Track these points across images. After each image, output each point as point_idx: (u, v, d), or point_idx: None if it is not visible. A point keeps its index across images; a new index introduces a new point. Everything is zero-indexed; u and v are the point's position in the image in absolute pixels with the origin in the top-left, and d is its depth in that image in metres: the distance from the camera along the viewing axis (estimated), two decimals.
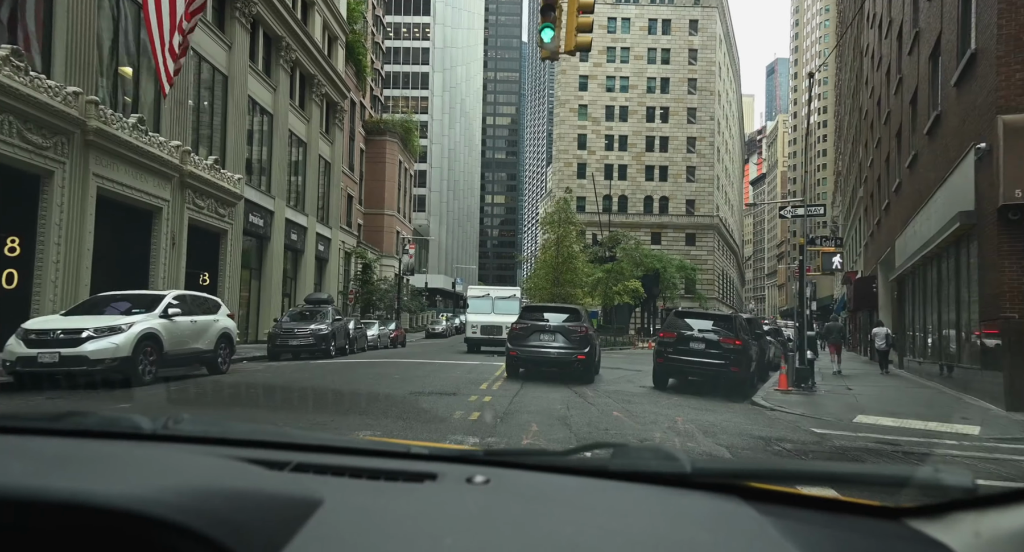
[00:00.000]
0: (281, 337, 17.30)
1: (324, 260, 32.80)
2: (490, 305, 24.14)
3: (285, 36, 26.03)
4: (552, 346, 13.59)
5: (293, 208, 28.11)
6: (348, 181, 44.81)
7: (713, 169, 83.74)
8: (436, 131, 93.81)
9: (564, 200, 29.84)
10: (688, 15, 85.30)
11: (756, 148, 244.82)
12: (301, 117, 28.98)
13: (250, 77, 23.80)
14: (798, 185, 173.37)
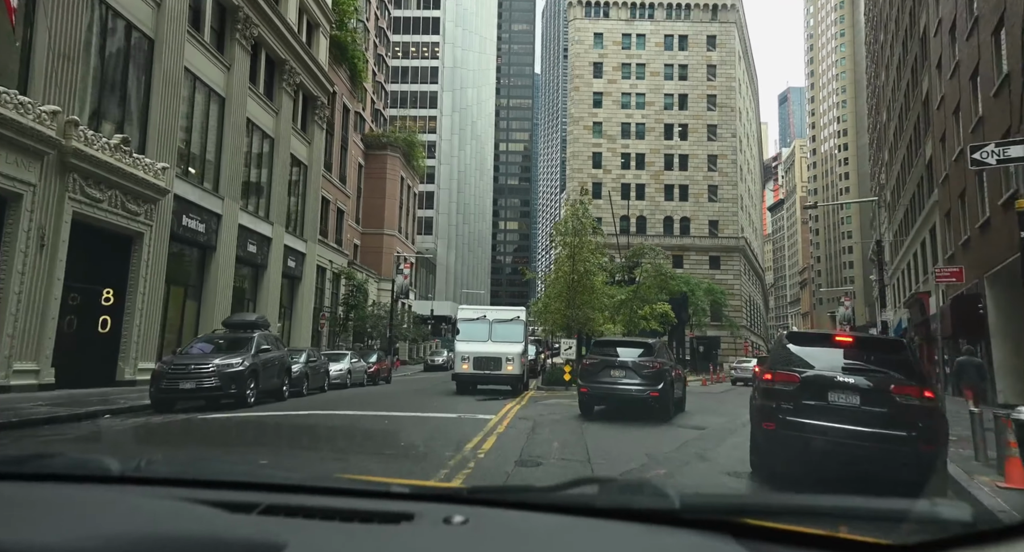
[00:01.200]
0: (168, 378, 11.90)
1: (295, 278, 27.85)
2: (486, 330, 18.97)
3: (243, 5, 21.46)
4: (624, 383, 13.05)
5: (251, 213, 23.23)
6: (338, 194, 40.16)
7: (736, 188, 78.67)
8: (445, 151, 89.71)
9: (580, 203, 24.87)
10: (705, 30, 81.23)
11: (772, 174, 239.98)
12: (267, 107, 24.29)
13: (192, 48, 19.15)
14: (820, 209, 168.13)
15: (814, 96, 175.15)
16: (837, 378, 6.35)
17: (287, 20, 25.08)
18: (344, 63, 40.12)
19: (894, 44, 42.85)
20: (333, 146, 39.01)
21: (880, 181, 55.03)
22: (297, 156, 27.43)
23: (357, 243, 51.93)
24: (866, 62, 78.20)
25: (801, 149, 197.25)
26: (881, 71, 51.92)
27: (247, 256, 23.03)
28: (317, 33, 29.20)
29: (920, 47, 32.09)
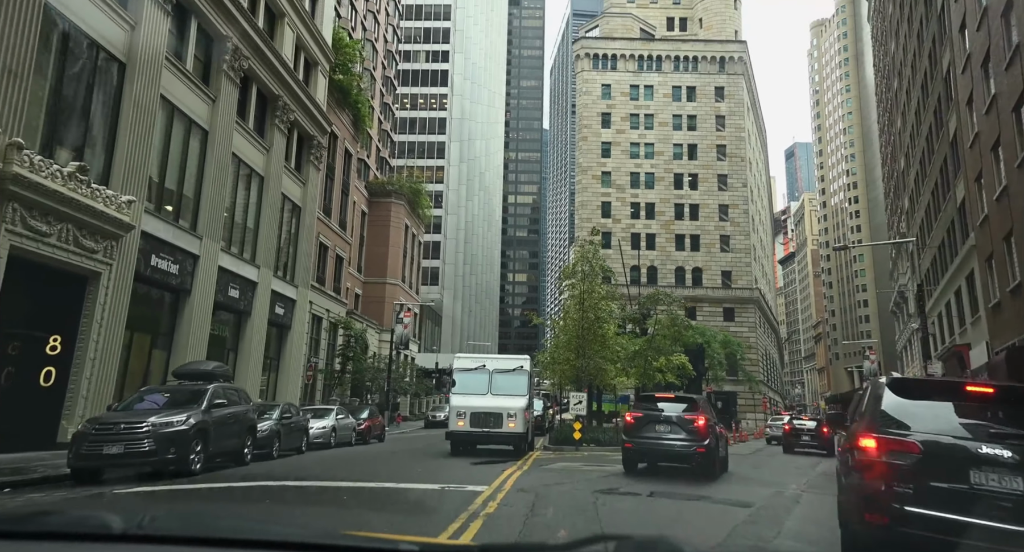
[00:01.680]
0: (91, 441, 9.70)
1: (284, 327, 25.91)
2: (486, 382, 16.85)
3: (232, 36, 20.26)
4: (670, 438, 12.98)
5: (235, 255, 21.51)
6: (337, 240, 38.65)
7: (749, 239, 77.03)
8: (452, 201, 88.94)
9: (589, 244, 23.04)
10: (713, 82, 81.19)
11: (781, 228, 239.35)
12: (257, 143, 22.87)
13: (172, 76, 17.81)
14: (832, 262, 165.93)
15: (822, 149, 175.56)
16: (981, 449, 4.32)
17: (282, 55, 23.95)
18: (346, 107, 39.24)
19: (911, 89, 41.71)
20: (333, 190, 37.73)
21: (900, 230, 53.21)
22: (290, 196, 25.91)
23: (358, 292, 50.22)
24: (877, 112, 77.53)
25: (810, 202, 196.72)
26: (896, 119, 50.77)
27: (228, 301, 21.19)
28: (315, 72, 28.13)
29: (944, 87, 30.74)
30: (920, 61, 36.99)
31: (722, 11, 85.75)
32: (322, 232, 35.77)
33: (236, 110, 21.14)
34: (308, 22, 26.51)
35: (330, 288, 37.28)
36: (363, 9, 51.50)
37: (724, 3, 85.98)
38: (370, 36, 53.40)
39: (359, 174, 51.16)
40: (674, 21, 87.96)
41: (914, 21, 38.36)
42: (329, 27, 29.71)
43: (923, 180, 39.23)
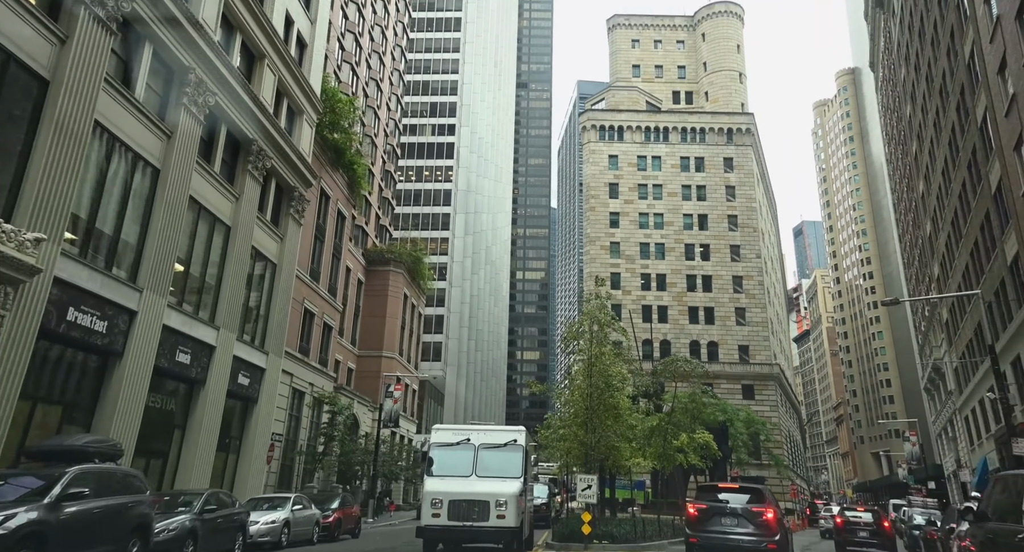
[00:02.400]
0: None
1: (249, 399, 22.59)
2: (470, 461, 13.44)
3: (195, 67, 18.14)
4: (738, 532, 12.23)
5: (188, 314, 18.59)
6: (325, 306, 35.77)
7: (765, 312, 73.75)
8: (456, 273, 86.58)
9: (595, 298, 20.05)
10: (722, 153, 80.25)
11: (793, 306, 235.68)
12: (223, 188, 20.38)
13: (112, 101, 15.48)
14: (850, 339, 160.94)
15: (832, 225, 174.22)
16: None
17: (259, 98, 21.85)
18: (341, 168, 37.33)
19: (935, 149, 39.56)
20: (323, 253, 35.23)
21: (927, 312, 49.96)
22: (263, 252, 23.21)
23: (352, 367, 46.93)
24: (891, 182, 75.69)
25: (823, 279, 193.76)
26: (918, 183, 48.52)
27: (175, 367, 18.08)
28: (299, 120, 26.09)
29: (980, 137, 28.39)
30: (946, 116, 34.90)
31: (728, 85, 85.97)
32: (308, 297, 33.00)
33: (198, 149, 18.75)
34: (293, 68, 24.66)
35: (315, 359, 34.10)
36: (365, 76, 50.74)
37: (730, 77, 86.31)
38: (372, 103, 52.46)
39: (355, 241, 48.93)
40: (679, 94, 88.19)
41: (935, 78, 36.61)
42: (318, 76, 27.96)
43: (958, 242, 36.36)
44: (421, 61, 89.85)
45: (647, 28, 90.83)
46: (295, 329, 31.42)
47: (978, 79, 27.76)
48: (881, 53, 63.87)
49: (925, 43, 38.36)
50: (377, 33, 53.64)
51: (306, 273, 32.43)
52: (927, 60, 38.51)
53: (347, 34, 46.62)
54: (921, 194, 47.48)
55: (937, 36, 35.08)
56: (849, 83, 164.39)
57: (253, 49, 22.15)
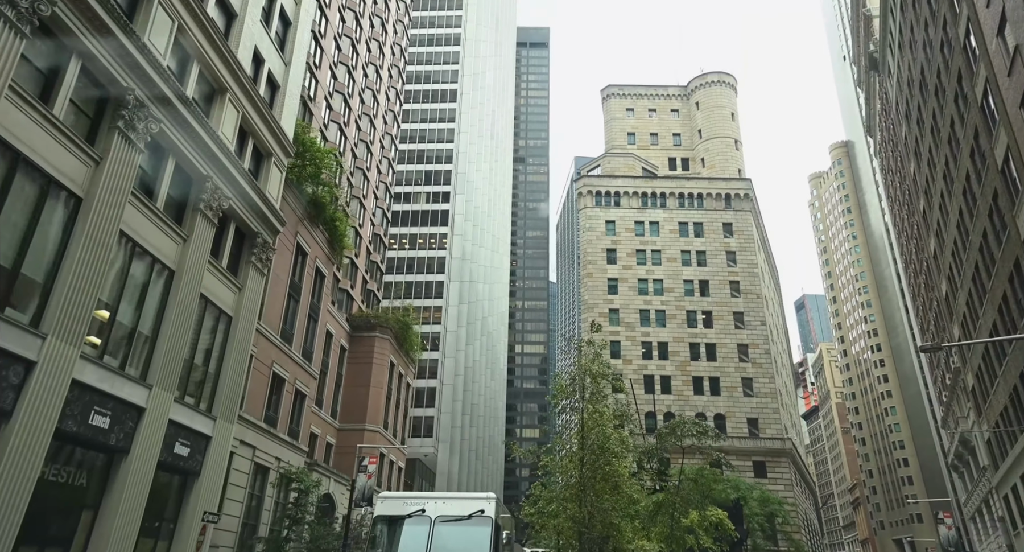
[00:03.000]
0: None
1: (188, 473, 19.40)
2: (423, 539, 10.39)
3: (135, 88, 16.14)
4: None
5: (108, 367, 15.82)
6: (298, 372, 32.80)
7: (774, 382, 70.35)
8: (450, 343, 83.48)
9: (588, 344, 17.31)
10: (720, 218, 78.99)
11: (800, 381, 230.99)
12: (167, 227, 18.02)
13: (27, 120, 13.34)
14: (862, 415, 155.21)
15: (835, 296, 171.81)
16: None
17: (218, 133, 19.86)
18: (321, 224, 35.25)
19: (946, 203, 37.67)
20: (297, 313, 32.60)
21: (952, 365, 46.92)
22: (216, 301, 20.61)
23: (331, 441, 43.42)
24: (897, 246, 73.88)
25: (829, 352, 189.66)
26: (928, 242, 46.50)
27: (87, 432, 15.14)
28: (267, 163, 24.07)
29: (1002, 180, 26.39)
30: (958, 166, 33.12)
31: (723, 151, 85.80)
32: (278, 360, 30.14)
33: (135, 180, 16.51)
34: (261, 107, 22.84)
35: (283, 431, 30.86)
36: (354, 137, 49.62)
37: (725, 144, 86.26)
38: (361, 164, 51.14)
39: (340, 305, 46.39)
40: (676, 161, 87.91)
41: (942, 128, 35.12)
42: (291, 120, 26.19)
43: (981, 299, 33.85)
44: (416, 130, 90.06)
45: (641, 97, 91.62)
46: (259, 395, 28.43)
47: (995, 119, 26.03)
48: (878, 116, 63.38)
49: (928, 95, 37.12)
50: (368, 96, 52.99)
51: (275, 333, 29.72)
52: (931, 112, 37.16)
53: (336, 94, 45.74)
54: (933, 253, 45.31)
55: (941, 84, 33.79)
56: (843, 155, 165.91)
57: (213, 80, 20.32)
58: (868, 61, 58.53)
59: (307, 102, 39.79)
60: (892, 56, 47.92)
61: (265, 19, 24.32)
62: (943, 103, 34.00)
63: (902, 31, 42.00)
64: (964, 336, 40.69)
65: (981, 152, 28.83)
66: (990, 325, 33.81)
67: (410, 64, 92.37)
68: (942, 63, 32.86)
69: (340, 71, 46.38)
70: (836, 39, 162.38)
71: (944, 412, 57.92)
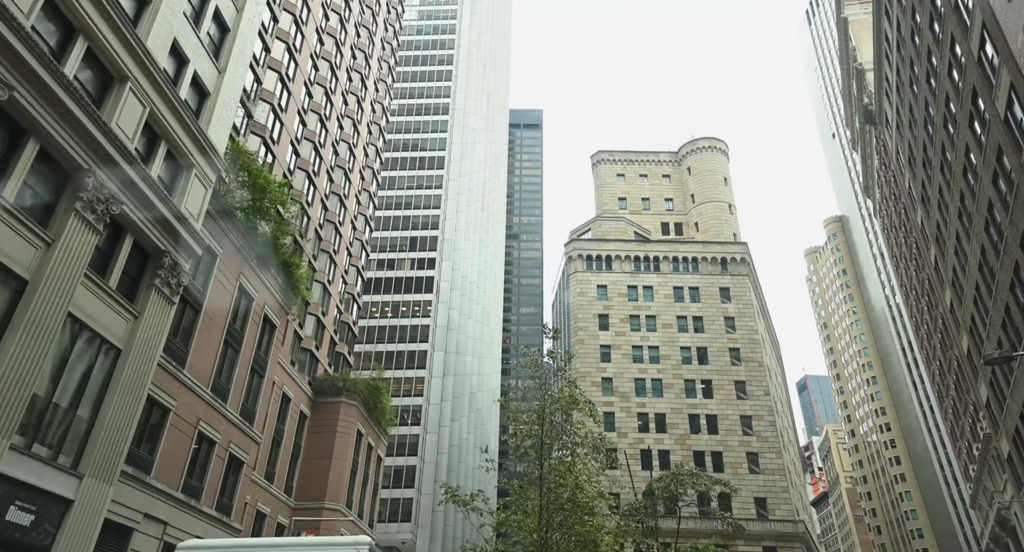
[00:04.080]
0: None
1: (32, 550, 14.74)
2: None
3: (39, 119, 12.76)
4: None
5: None
6: (234, 434, 28.15)
7: (781, 458, 64.91)
8: (432, 417, 78.03)
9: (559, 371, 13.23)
10: (717, 283, 75.66)
11: (807, 466, 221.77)
12: (25, 228, 14.27)
13: None
14: (875, 501, 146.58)
15: (839, 373, 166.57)
16: None
17: (110, 124, 16.48)
18: (273, 268, 31.55)
19: (963, 245, 34.31)
20: (236, 366, 28.30)
21: (981, 431, 42.17)
22: (93, 325, 16.54)
23: (283, 521, 38.02)
24: (908, 304, 70.07)
25: (835, 434, 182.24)
26: (943, 295, 42.82)
27: None
28: (186, 175, 20.58)
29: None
30: (979, 196, 29.85)
31: (718, 215, 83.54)
32: (206, 418, 25.62)
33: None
34: (180, 110, 19.60)
35: (209, 504, 25.95)
36: (325, 188, 46.73)
37: (719, 208, 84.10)
38: (332, 217, 48.03)
39: (301, 367, 42.02)
40: (668, 226, 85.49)
41: (955, 160, 32.16)
42: (222, 133, 22.96)
43: (1015, 345, 29.80)
44: (402, 197, 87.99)
45: (632, 163, 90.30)
46: (178, 459, 23.78)
47: (1023, 129, 22.97)
48: (876, 172, 61.18)
49: (936, 129, 34.42)
50: (344, 149, 50.55)
51: (204, 386, 25.37)
52: (940, 147, 34.35)
53: (304, 141, 43.14)
54: (950, 306, 41.53)
55: (951, 112, 31.08)
56: (838, 230, 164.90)
57: (107, 63, 17.11)
58: (863, 116, 56.81)
59: (269, 144, 36.97)
60: (890, 103, 45.88)
61: (194, 18, 21.51)
62: (955, 132, 31.16)
63: (899, 72, 39.95)
64: (993, 395, 36.31)
65: (1007, 173, 25.64)
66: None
67: (397, 132, 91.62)
68: (951, 88, 30.26)
69: (310, 118, 44.00)
70: (824, 117, 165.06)
71: (973, 488, 52.43)
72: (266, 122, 36.58)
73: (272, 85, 37.73)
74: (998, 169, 26.47)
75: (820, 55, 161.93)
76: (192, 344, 24.17)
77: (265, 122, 36.41)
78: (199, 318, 24.53)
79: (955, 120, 30.56)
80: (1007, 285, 28.67)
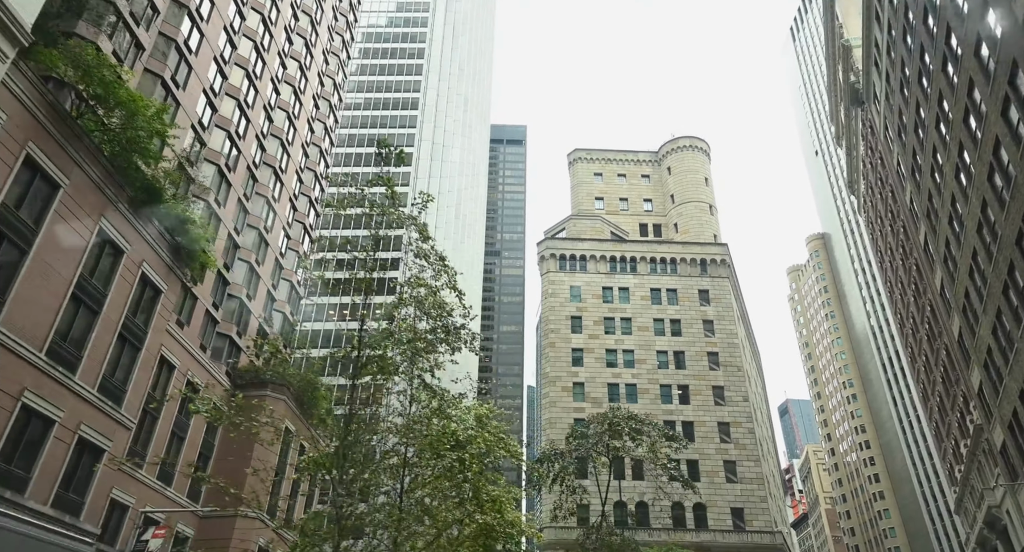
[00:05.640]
0: None
1: None
2: None
3: None
4: None
5: None
6: (87, 413, 22.96)
7: (760, 467, 60.16)
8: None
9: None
10: (696, 284, 71.31)
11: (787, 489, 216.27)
12: None
13: None
14: (853, 520, 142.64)
15: (819, 392, 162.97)
16: None
17: None
18: (157, 218, 26.57)
19: (961, 210, 30.11)
20: (94, 330, 23.15)
21: (970, 424, 37.59)
22: None
23: (187, 532, 32.71)
24: (892, 300, 65.90)
25: (816, 455, 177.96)
26: (933, 278, 38.57)
27: None
28: None
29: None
30: (984, 139, 25.65)
31: (698, 216, 79.41)
32: (37, 388, 20.47)
33: None
34: None
35: (43, 501, 20.70)
36: (254, 155, 41.90)
37: (699, 208, 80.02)
38: (264, 190, 43.16)
39: (218, 355, 36.88)
40: (647, 227, 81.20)
41: (954, 111, 28.08)
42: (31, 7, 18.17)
43: (1020, 319, 25.42)
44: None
45: (610, 162, 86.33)
46: None
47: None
48: (861, 160, 57.36)
49: (933, 76, 30.32)
50: (281, 118, 45.83)
51: (33, 347, 20.26)
52: (936, 98, 30.20)
53: (225, 96, 38.39)
54: (940, 288, 37.26)
55: (950, 49, 26.97)
56: (820, 247, 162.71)
57: None
58: (849, 99, 53.12)
59: (171, 87, 31.99)
60: (879, 72, 42.05)
61: None
62: (956, 70, 27.00)
63: (891, 27, 36.04)
64: (987, 379, 31.90)
65: (1015, 130, 21.43)
66: (1012, 412, 25.36)
67: (362, 126, 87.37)
68: (953, 14, 26.18)
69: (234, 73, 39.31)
70: (808, 135, 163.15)
71: (959, 491, 47.76)
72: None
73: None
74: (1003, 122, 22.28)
75: (804, 72, 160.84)
76: (12, 291, 19.18)
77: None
78: (24, 261, 19.57)
79: (956, 57, 26.47)
80: (1012, 240, 24.33)
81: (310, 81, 50.24)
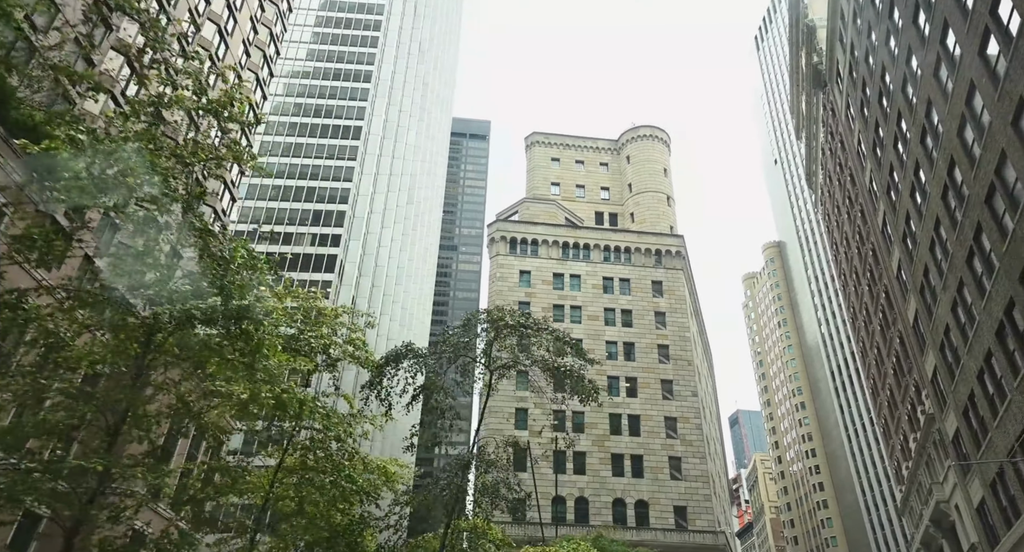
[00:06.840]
0: None
1: None
2: None
3: None
4: None
5: None
6: None
7: (705, 464, 58.13)
8: None
9: None
10: (650, 275, 69.29)
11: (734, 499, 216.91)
12: None
13: None
14: (797, 528, 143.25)
15: (769, 399, 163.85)
16: None
17: None
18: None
19: (926, 175, 28.25)
20: None
21: (922, 414, 35.96)
22: None
23: None
24: (846, 294, 64.89)
25: (763, 463, 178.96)
26: (890, 261, 36.90)
27: None
28: None
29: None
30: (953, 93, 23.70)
31: (655, 206, 77.51)
32: None
33: None
34: None
35: None
36: None
37: (657, 199, 78.14)
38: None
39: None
40: (603, 216, 78.98)
41: (926, 59, 26.13)
42: None
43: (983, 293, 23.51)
44: (307, 167, 79.26)
45: (568, 148, 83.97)
46: None
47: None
48: (821, 148, 55.99)
49: (902, 31, 28.40)
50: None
51: None
52: (904, 54, 28.30)
53: None
54: (897, 269, 35.54)
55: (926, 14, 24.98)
56: (775, 255, 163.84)
57: None
58: (812, 83, 51.57)
59: None
60: (843, 46, 40.34)
61: None
62: (929, 22, 25.01)
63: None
64: (943, 362, 30.12)
65: (993, 71, 19.35)
66: (983, 351, 23.41)
67: (310, 96, 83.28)
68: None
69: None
70: (768, 144, 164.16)
71: (906, 489, 46.38)
72: None
73: None
74: (984, 46, 20.19)
75: (766, 80, 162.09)
76: None
77: None
78: None
79: (930, 3, 24.45)
80: (981, 198, 22.31)
81: (241, 26, 46.40)
